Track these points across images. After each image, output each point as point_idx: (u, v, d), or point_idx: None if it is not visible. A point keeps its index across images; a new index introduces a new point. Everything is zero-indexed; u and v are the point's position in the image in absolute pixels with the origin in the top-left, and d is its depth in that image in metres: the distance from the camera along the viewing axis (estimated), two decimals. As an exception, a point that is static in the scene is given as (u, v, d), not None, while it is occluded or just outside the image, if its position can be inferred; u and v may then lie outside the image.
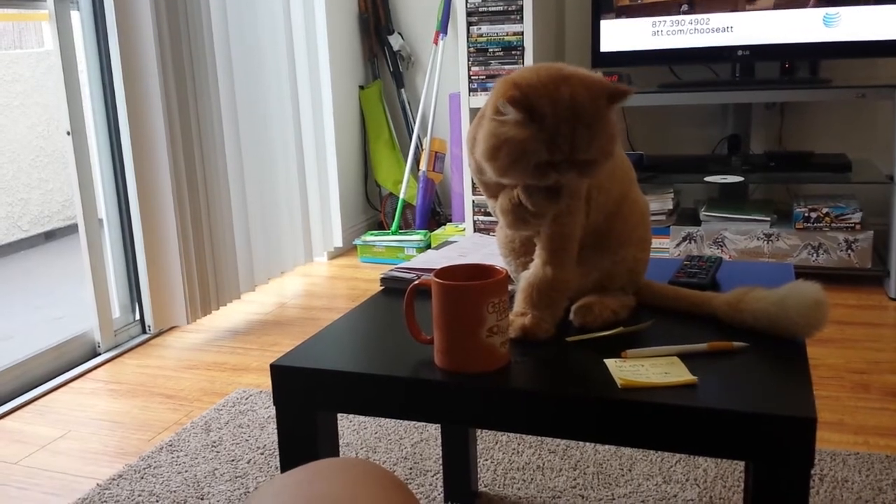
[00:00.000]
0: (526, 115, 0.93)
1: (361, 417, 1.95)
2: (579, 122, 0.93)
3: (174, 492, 1.66)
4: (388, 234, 3.44)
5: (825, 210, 2.71)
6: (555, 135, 0.93)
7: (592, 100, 0.94)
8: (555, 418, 0.90)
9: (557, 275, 1.04)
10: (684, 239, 2.85)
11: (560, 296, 1.05)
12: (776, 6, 2.77)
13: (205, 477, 1.72)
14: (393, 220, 3.56)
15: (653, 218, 2.85)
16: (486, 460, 1.73)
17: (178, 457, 1.81)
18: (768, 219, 2.79)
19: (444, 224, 3.59)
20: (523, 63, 2.98)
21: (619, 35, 2.95)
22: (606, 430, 0.88)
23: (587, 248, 1.09)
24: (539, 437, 1.81)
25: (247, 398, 2.09)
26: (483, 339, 0.94)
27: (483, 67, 3.05)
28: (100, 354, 2.47)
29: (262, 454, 1.81)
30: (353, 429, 1.90)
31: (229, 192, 2.72)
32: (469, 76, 3.06)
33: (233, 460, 1.78)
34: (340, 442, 1.85)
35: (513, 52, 3.00)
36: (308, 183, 3.27)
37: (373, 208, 3.82)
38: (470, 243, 1.50)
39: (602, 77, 0.97)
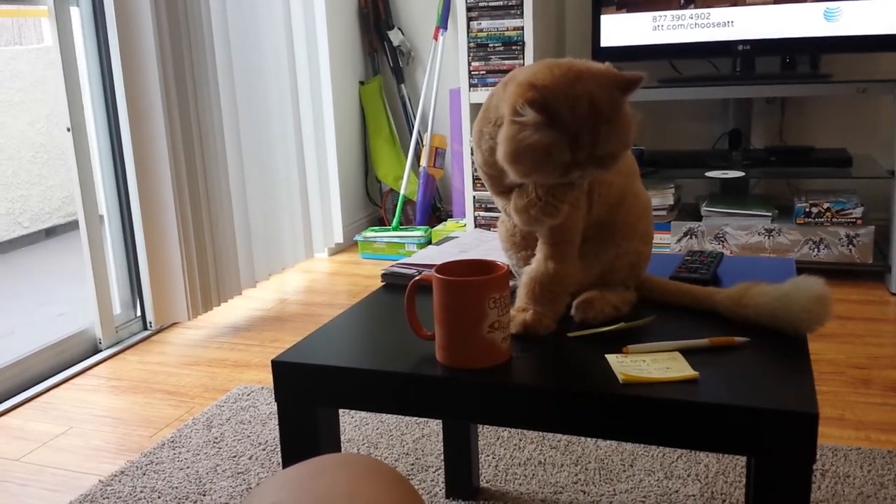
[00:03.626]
0: (545, 117, 0.92)
1: (363, 413, 1.95)
2: (599, 119, 0.93)
3: (176, 488, 1.66)
4: (388, 230, 3.44)
5: (826, 205, 2.70)
6: (577, 134, 0.93)
7: (607, 93, 0.93)
8: (556, 414, 0.90)
9: (559, 269, 1.04)
10: (685, 234, 2.85)
11: (562, 290, 1.05)
12: (777, 0, 2.77)
13: (206, 473, 1.72)
14: (393, 216, 3.56)
15: (654, 213, 2.85)
16: (488, 456, 1.73)
17: (179, 453, 1.81)
18: (769, 214, 2.79)
19: (445, 220, 3.59)
20: (524, 58, 2.98)
21: (619, 29, 2.95)
22: (608, 425, 0.88)
23: (590, 242, 1.09)
24: (540, 433, 1.81)
25: (248, 394, 2.09)
26: (484, 334, 0.94)
27: (483, 63, 3.04)
28: (101, 351, 2.47)
29: (263, 450, 1.81)
30: (355, 425, 1.90)
31: (229, 187, 2.72)
32: (469, 71, 3.06)
33: (234, 456, 1.79)
34: (342, 438, 1.85)
35: (513, 48, 2.99)
36: (308, 179, 3.27)
37: (373, 204, 3.81)
38: (471, 239, 1.50)
39: (611, 68, 0.97)
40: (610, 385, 0.89)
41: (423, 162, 3.50)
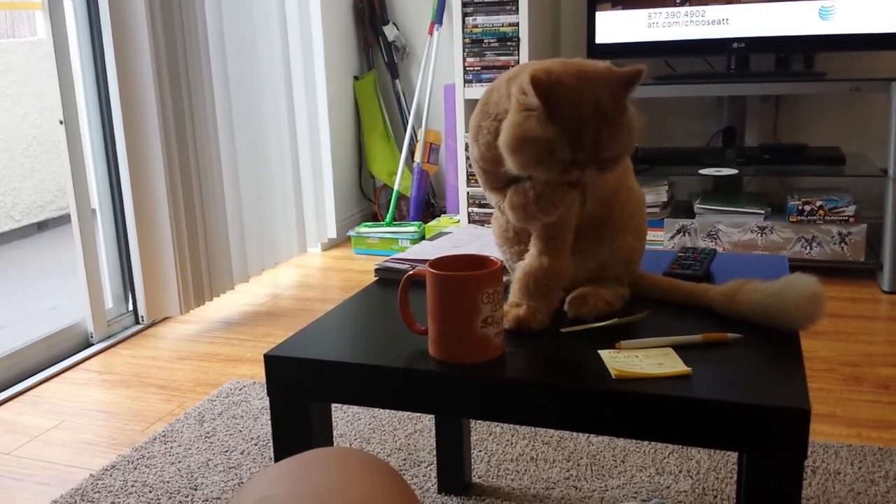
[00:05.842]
0: (545, 106, 0.92)
1: (355, 408, 1.95)
2: (602, 122, 0.93)
3: (167, 482, 1.66)
4: (382, 225, 3.43)
5: (819, 203, 2.71)
6: (579, 134, 0.93)
7: (612, 96, 0.94)
8: (549, 409, 0.90)
9: (553, 264, 1.04)
10: (678, 231, 2.86)
11: (556, 285, 1.05)
12: (772, -1, 2.77)
13: (198, 467, 1.72)
14: (387, 211, 3.55)
15: (647, 210, 2.85)
16: (480, 451, 1.73)
17: (171, 447, 1.80)
18: (762, 212, 2.80)
19: (439, 216, 3.59)
20: (519, 55, 2.98)
21: (614, 27, 2.94)
22: (600, 420, 0.88)
23: (584, 237, 1.09)
24: (533, 429, 1.81)
25: (240, 389, 2.09)
26: (477, 329, 0.94)
27: (478, 59, 3.04)
28: (93, 345, 2.47)
29: (255, 445, 1.80)
30: (347, 420, 1.90)
31: (223, 182, 2.71)
32: (464, 67, 3.05)
33: (226, 451, 1.78)
34: (334, 433, 1.85)
35: (508, 44, 2.99)
36: (302, 174, 3.26)
37: (367, 200, 3.81)
38: (465, 234, 1.49)
39: (612, 67, 0.97)
40: (603, 381, 0.89)
41: (417, 157, 3.50)
